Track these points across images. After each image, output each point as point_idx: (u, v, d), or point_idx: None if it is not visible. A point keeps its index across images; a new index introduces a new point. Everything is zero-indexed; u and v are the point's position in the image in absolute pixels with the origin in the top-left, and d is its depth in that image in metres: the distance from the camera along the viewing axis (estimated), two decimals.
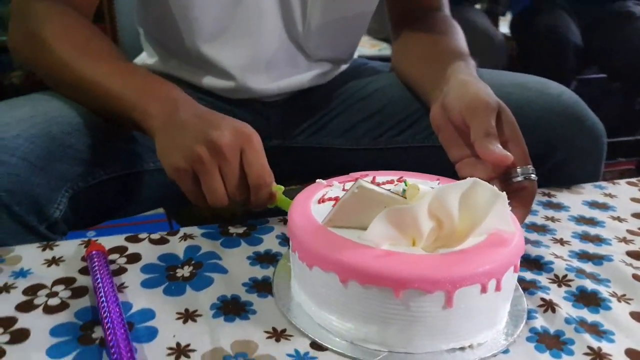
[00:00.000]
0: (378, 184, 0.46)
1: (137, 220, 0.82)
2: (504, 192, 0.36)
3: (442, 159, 0.61)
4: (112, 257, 0.46)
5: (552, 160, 0.65)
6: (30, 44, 0.59)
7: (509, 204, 0.37)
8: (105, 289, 0.39)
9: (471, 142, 0.50)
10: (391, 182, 0.47)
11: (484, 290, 0.35)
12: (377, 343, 0.36)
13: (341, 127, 0.78)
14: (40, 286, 0.42)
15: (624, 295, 0.43)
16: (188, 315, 0.39)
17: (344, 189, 0.45)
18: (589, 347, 0.37)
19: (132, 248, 0.48)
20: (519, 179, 0.49)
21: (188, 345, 0.36)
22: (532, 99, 0.66)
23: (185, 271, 0.45)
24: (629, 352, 0.37)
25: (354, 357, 0.35)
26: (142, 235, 0.50)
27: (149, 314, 0.39)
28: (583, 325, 0.39)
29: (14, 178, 0.49)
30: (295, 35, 0.71)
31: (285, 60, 0.73)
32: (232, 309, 0.40)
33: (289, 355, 0.35)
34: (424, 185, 0.39)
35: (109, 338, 0.34)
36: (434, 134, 0.72)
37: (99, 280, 0.40)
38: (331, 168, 0.83)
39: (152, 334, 0.37)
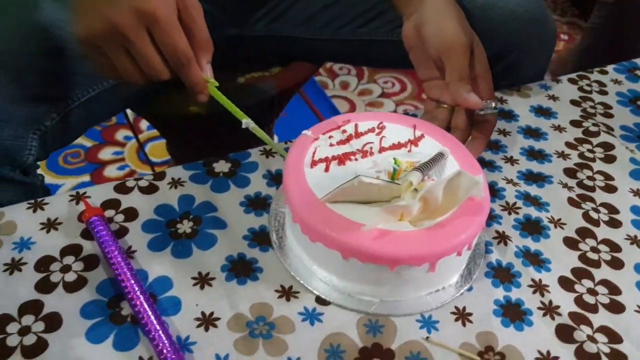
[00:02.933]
0: (359, 134, 0.49)
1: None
2: (481, 177, 0.41)
3: (404, 54, 0.63)
4: (108, 213, 0.48)
5: (507, 62, 0.69)
6: None
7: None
8: (119, 262, 0.42)
9: (446, 81, 0.52)
10: (372, 130, 0.49)
11: (459, 254, 0.42)
12: (371, 295, 0.43)
13: (301, 15, 0.75)
14: (50, 259, 0.44)
15: (559, 219, 0.52)
16: (203, 280, 0.44)
17: (331, 144, 0.48)
18: (532, 280, 0.47)
19: (125, 201, 0.49)
20: (483, 112, 0.54)
21: (212, 313, 0.42)
22: (496, 1, 0.66)
23: (186, 227, 0.48)
24: (560, 279, 0.47)
25: (353, 309, 0.43)
26: (129, 184, 0.51)
27: (166, 283, 0.43)
28: (527, 256, 0.49)
29: None
30: None
31: None
32: (241, 270, 0.45)
33: (300, 313, 0.42)
34: (402, 132, 0.45)
35: (143, 322, 0.39)
36: (397, 29, 0.72)
37: (109, 252, 0.43)
38: (296, 57, 0.82)
39: (176, 305, 0.42)
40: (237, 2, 0.73)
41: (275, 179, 0.54)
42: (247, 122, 0.47)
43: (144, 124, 1.42)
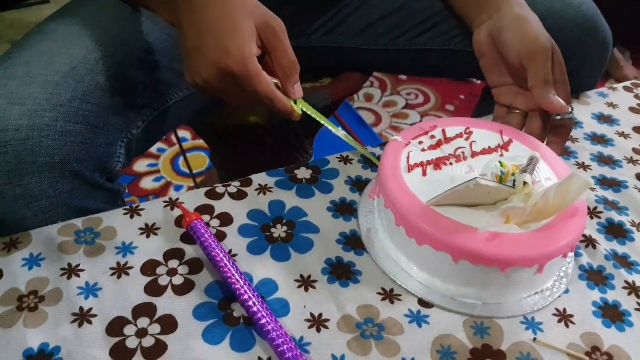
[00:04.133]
0: (448, 139, 0.50)
1: None
2: (592, 182, 0.42)
3: (461, 62, 0.63)
4: (204, 218, 0.49)
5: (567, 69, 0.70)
6: None
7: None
8: (227, 265, 0.43)
9: (529, 86, 0.53)
10: (460, 135, 0.50)
11: (564, 256, 0.43)
12: (474, 298, 0.44)
13: (357, 26, 0.76)
14: (155, 263, 0.45)
15: None
16: (306, 283, 0.44)
17: (423, 150, 0.49)
18: (626, 282, 0.47)
19: (219, 207, 0.50)
20: (560, 117, 0.55)
21: (321, 315, 0.42)
22: (557, 9, 0.67)
23: (280, 231, 0.49)
24: None
25: (458, 311, 0.43)
26: (219, 190, 0.52)
27: (272, 285, 0.44)
28: (617, 259, 0.49)
29: (81, 147, 0.48)
30: None
31: None
32: (341, 273, 0.45)
33: (406, 315, 0.43)
34: (490, 137, 0.47)
35: (261, 323, 0.39)
36: (454, 38, 0.73)
37: (215, 256, 0.44)
38: (347, 67, 0.83)
39: (285, 307, 0.42)
40: (296, 14, 0.75)
41: (357, 185, 0.54)
42: (340, 132, 0.49)
43: (174, 137, 1.44)
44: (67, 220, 0.48)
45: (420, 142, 0.49)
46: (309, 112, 0.51)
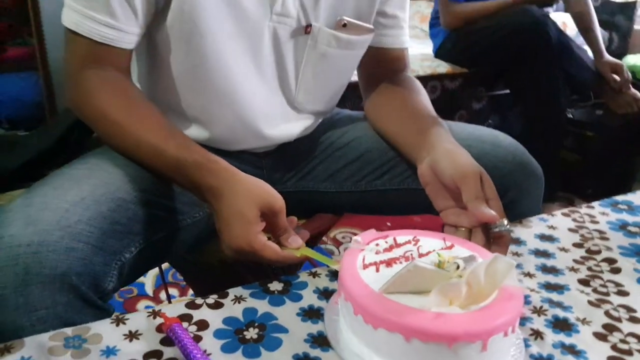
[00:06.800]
0: (398, 244, 0.58)
1: None
2: (515, 263, 0.49)
3: (414, 199, 0.74)
4: (183, 325, 0.53)
5: (505, 200, 0.80)
6: (86, 108, 0.69)
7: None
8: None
9: (464, 202, 0.63)
10: (409, 242, 0.58)
11: (505, 334, 0.47)
12: None
13: (325, 173, 0.89)
14: None
15: (585, 318, 0.58)
16: None
17: (377, 252, 0.56)
18: None
19: (197, 315, 0.55)
20: (498, 229, 0.63)
21: None
22: (488, 150, 0.80)
23: (252, 333, 0.53)
24: None
25: None
26: (198, 302, 0.57)
27: None
28: (564, 347, 0.53)
29: (81, 262, 0.55)
30: (288, 94, 0.81)
31: (279, 116, 0.82)
32: None
33: None
34: (434, 243, 0.55)
35: None
36: (407, 179, 0.85)
37: (192, 352, 0.47)
38: (319, 209, 0.94)
39: None
40: (273, 164, 0.88)
41: (324, 294, 0.60)
42: (336, 266, 0.59)
43: (162, 295, 1.48)
44: None
45: (377, 245, 0.57)
46: (308, 255, 0.62)
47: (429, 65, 2.10)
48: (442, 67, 2.11)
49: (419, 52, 2.26)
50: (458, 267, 0.48)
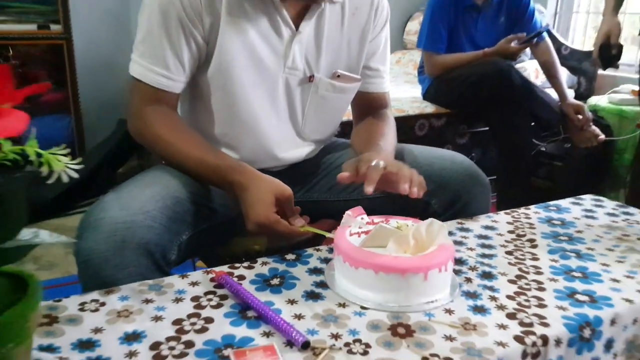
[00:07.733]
0: (374, 223, 0.84)
1: None
2: (444, 223, 0.75)
3: (394, 203, 1.00)
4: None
5: (459, 204, 1.07)
6: (146, 135, 0.96)
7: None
8: (250, 296, 0.72)
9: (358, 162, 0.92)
10: (382, 221, 0.85)
11: (440, 271, 0.73)
12: (393, 302, 0.72)
13: (326, 186, 1.16)
14: (197, 297, 0.74)
15: (504, 272, 0.84)
16: (292, 302, 0.73)
17: (359, 227, 0.82)
18: (490, 296, 0.76)
19: (236, 272, 0.81)
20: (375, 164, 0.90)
21: (301, 314, 0.70)
22: (446, 165, 1.08)
23: (275, 281, 0.79)
24: (508, 296, 0.77)
25: (383, 310, 0.72)
26: (236, 265, 0.83)
27: (272, 305, 0.73)
28: (485, 287, 0.79)
29: (157, 237, 0.81)
30: (296, 126, 1.09)
31: (290, 143, 1.10)
32: (314, 297, 0.75)
33: (353, 313, 0.71)
34: (396, 220, 0.80)
35: (282, 327, 0.68)
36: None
37: (241, 290, 0.73)
38: (321, 214, 1.21)
39: (280, 312, 0.71)
40: (285, 181, 1.15)
41: (324, 261, 0.86)
42: (332, 236, 0.84)
43: None
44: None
45: (362, 219, 0.84)
46: (309, 230, 0.88)
47: (417, 106, 2.41)
48: (429, 107, 2.42)
49: (411, 95, 2.57)
50: (407, 226, 0.75)
